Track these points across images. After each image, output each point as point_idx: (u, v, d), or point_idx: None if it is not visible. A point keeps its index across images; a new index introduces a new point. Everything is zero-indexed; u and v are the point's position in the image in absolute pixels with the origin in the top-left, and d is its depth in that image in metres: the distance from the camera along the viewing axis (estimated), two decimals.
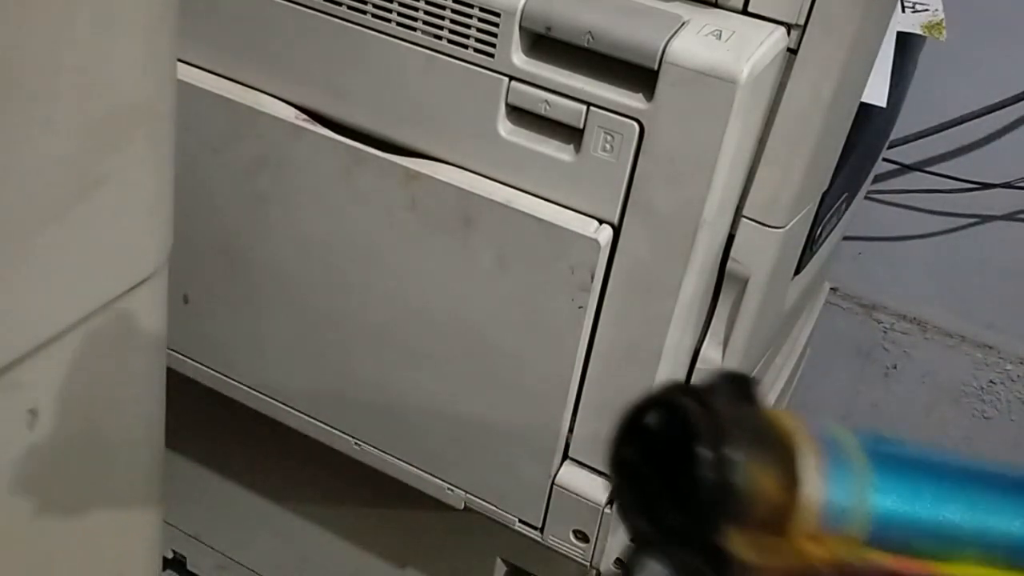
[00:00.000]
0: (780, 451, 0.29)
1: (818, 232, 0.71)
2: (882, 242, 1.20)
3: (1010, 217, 1.13)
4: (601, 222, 0.59)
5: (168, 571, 0.99)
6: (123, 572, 0.56)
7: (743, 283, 0.63)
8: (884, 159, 1.06)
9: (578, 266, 0.60)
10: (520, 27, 0.56)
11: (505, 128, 0.59)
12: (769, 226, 0.61)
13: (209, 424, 0.85)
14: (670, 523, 0.29)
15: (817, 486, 0.29)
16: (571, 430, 0.67)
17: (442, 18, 0.58)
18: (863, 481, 0.30)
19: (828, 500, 0.29)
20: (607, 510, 0.68)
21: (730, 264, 0.62)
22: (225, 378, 0.77)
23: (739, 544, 0.28)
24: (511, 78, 0.58)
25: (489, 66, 0.58)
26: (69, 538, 0.51)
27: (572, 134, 0.58)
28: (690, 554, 0.29)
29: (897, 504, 0.30)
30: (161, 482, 0.57)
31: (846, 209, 0.82)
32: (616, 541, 0.69)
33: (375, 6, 0.60)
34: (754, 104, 0.56)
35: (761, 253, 0.61)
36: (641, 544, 0.30)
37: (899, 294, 1.22)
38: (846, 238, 1.16)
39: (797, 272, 0.71)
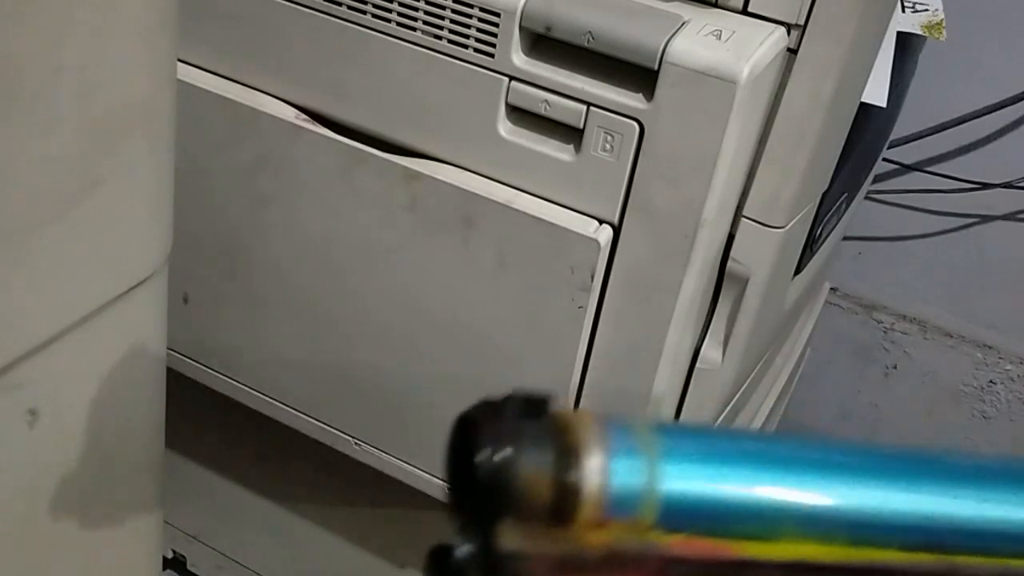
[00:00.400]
0: (562, 446, 0.29)
1: (818, 232, 0.71)
2: (882, 242, 1.20)
3: (1010, 217, 1.13)
4: (601, 222, 0.59)
5: (168, 571, 0.99)
6: (123, 572, 0.56)
7: (743, 283, 0.63)
8: (884, 159, 1.06)
9: (578, 266, 0.60)
10: (520, 27, 0.56)
11: (505, 128, 0.59)
12: (769, 226, 0.61)
13: (209, 424, 0.85)
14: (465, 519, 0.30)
15: (597, 472, 0.28)
16: None
17: (442, 18, 0.58)
18: (651, 463, 0.29)
19: (611, 484, 0.28)
20: None
21: (730, 264, 0.62)
22: (225, 378, 0.77)
23: (512, 536, 0.28)
24: (511, 78, 0.58)
25: (489, 66, 0.58)
26: (69, 538, 0.51)
27: (572, 134, 0.58)
28: (476, 547, 0.29)
29: (689, 482, 0.30)
30: (161, 482, 0.57)
31: (846, 209, 0.82)
32: None
33: (375, 6, 0.60)
34: (754, 104, 0.56)
35: (761, 253, 0.61)
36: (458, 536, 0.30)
37: (899, 294, 1.22)
38: (846, 238, 1.16)
39: (797, 272, 0.71)
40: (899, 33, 0.73)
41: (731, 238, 0.61)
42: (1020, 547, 0.31)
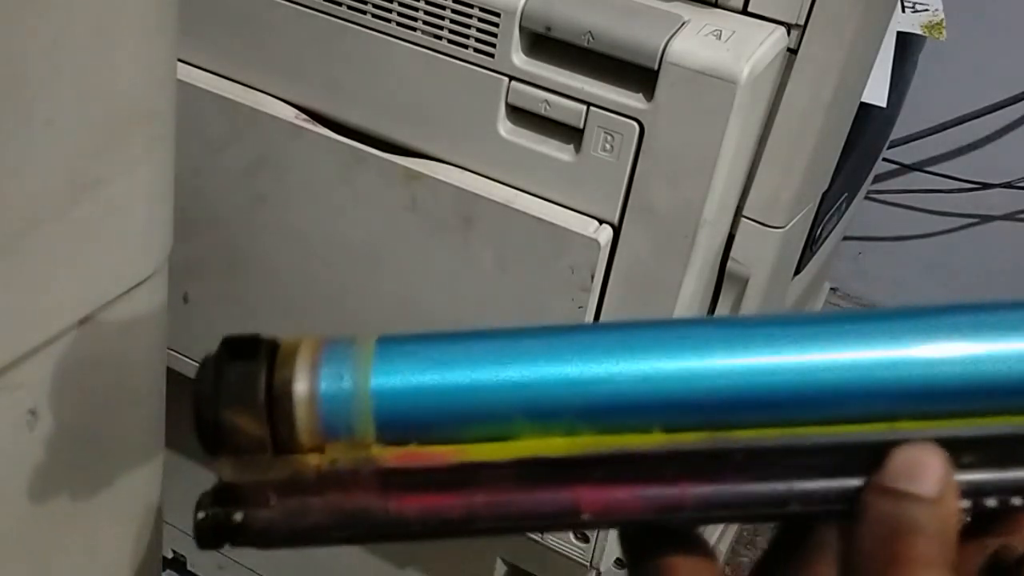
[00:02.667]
0: (272, 374, 0.28)
1: (818, 232, 0.71)
2: (882, 242, 1.20)
3: (1010, 217, 1.13)
4: (601, 222, 0.59)
5: (168, 571, 0.99)
6: (123, 572, 0.56)
7: (743, 283, 0.63)
8: (884, 159, 1.06)
9: (578, 266, 0.60)
10: (520, 27, 0.56)
11: (505, 128, 0.59)
12: (769, 226, 0.61)
13: None
14: None
15: (305, 393, 0.28)
16: None
17: (442, 18, 0.58)
18: (360, 373, 0.28)
19: (321, 402, 0.28)
20: None
21: (730, 264, 0.62)
22: None
23: (226, 469, 0.28)
24: (511, 78, 0.58)
25: (489, 66, 0.58)
26: (69, 538, 0.51)
27: (572, 134, 0.58)
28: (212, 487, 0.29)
29: (402, 389, 0.28)
30: (161, 482, 0.57)
31: (846, 209, 0.82)
32: (617, 541, 0.69)
33: (375, 6, 0.60)
34: (754, 104, 0.56)
35: (761, 253, 0.62)
36: None
37: (899, 294, 1.22)
38: (846, 238, 1.16)
39: (797, 272, 0.72)
40: (899, 33, 0.73)
41: (731, 238, 0.61)
42: (808, 413, 0.27)
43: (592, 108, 0.56)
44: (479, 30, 0.57)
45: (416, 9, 0.59)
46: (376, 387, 0.28)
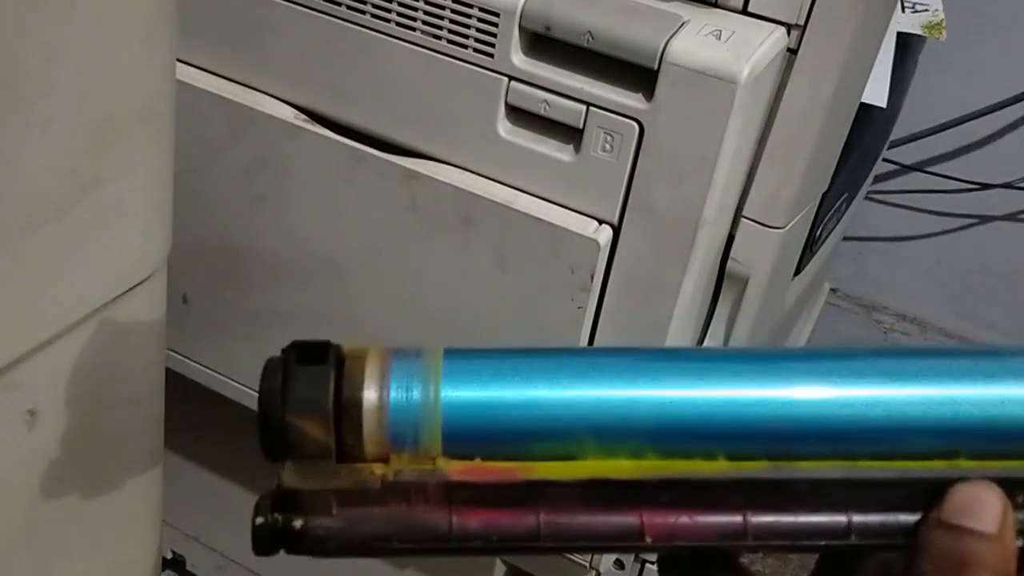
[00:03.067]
0: (341, 383, 0.28)
1: (818, 232, 0.71)
2: (882, 242, 1.20)
3: (1010, 217, 1.13)
4: (601, 222, 0.59)
5: (168, 571, 0.99)
6: (123, 572, 0.56)
7: (743, 283, 0.63)
8: (884, 159, 1.06)
9: (578, 266, 0.60)
10: (520, 27, 0.56)
11: (505, 128, 0.59)
12: (769, 226, 0.61)
13: (209, 424, 0.85)
14: None
15: (375, 404, 0.28)
16: None
17: (441, 18, 0.58)
18: (430, 387, 0.28)
19: (390, 414, 0.28)
20: None
21: (730, 264, 0.62)
22: (225, 378, 0.77)
23: (288, 475, 0.28)
24: (511, 78, 0.58)
25: (488, 66, 0.58)
26: (69, 538, 0.51)
27: (572, 134, 0.58)
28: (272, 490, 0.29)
29: (471, 404, 0.28)
30: (161, 482, 0.57)
31: (846, 209, 0.82)
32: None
33: (374, 6, 0.60)
34: (754, 104, 0.56)
35: (761, 253, 0.61)
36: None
37: (899, 294, 1.22)
38: (846, 238, 1.16)
39: (797, 272, 0.72)
40: (899, 33, 0.73)
41: (731, 238, 0.61)
42: (871, 446, 0.28)
43: (592, 108, 0.56)
44: (478, 30, 0.57)
45: (415, 9, 0.59)
46: (445, 399, 0.28)
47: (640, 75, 0.55)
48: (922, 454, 0.28)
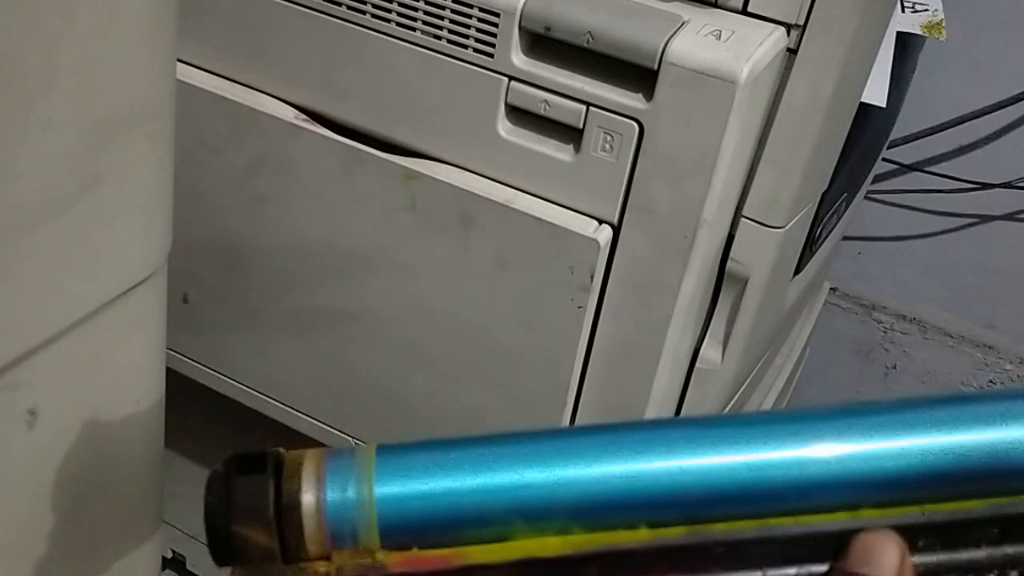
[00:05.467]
0: (280, 489, 0.30)
1: (818, 232, 0.71)
2: (882, 242, 1.20)
3: (1010, 217, 1.13)
4: (601, 222, 0.59)
5: (168, 571, 0.99)
6: (123, 572, 0.56)
7: (743, 283, 0.63)
8: (884, 159, 1.06)
9: (578, 266, 0.60)
10: (520, 27, 0.56)
11: (505, 128, 0.59)
12: (769, 226, 0.61)
13: (209, 424, 0.85)
14: None
15: (311, 494, 0.29)
16: None
17: (441, 18, 0.58)
18: (364, 484, 0.30)
19: (328, 513, 0.29)
20: None
21: (730, 264, 0.62)
22: (225, 378, 0.77)
23: None
24: (511, 78, 0.58)
25: (489, 66, 0.58)
26: (69, 538, 0.51)
27: (572, 134, 0.58)
28: None
29: (404, 497, 0.29)
30: (161, 482, 0.57)
31: (846, 209, 0.82)
32: None
33: (374, 6, 0.60)
34: (754, 104, 0.56)
35: (761, 253, 0.61)
36: None
37: (899, 294, 1.22)
38: (846, 238, 1.16)
39: (797, 272, 0.72)
40: (899, 33, 0.73)
41: (731, 238, 0.61)
42: (780, 505, 0.30)
43: (592, 108, 0.56)
44: (478, 30, 0.57)
45: (415, 9, 0.59)
46: (379, 495, 0.30)
47: (640, 75, 0.55)
48: (828, 507, 0.30)
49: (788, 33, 0.56)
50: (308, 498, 0.29)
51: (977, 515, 0.30)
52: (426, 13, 0.58)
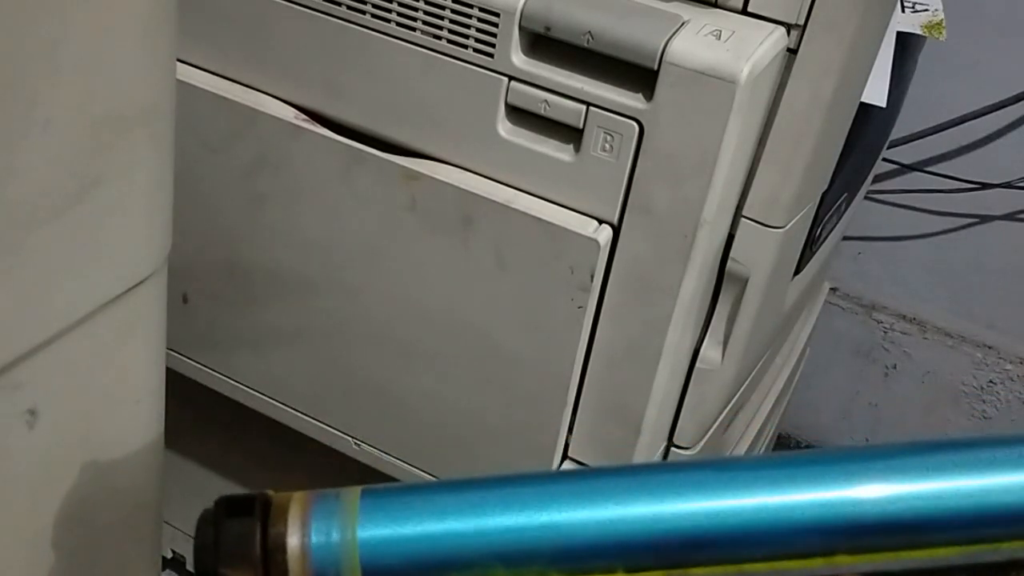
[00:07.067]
0: (266, 533, 0.30)
1: (818, 232, 0.71)
2: (882, 242, 1.20)
3: (1010, 217, 1.13)
4: (601, 222, 0.59)
5: (168, 571, 0.99)
6: (123, 572, 0.56)
7: (743, 283, 0.63)
8: (884, 159, 1.06)
9: (578, 266, 0.60)
10: (520, 27, 0.56)
11: (505, 128, 0.59)
12: (769, 226, 0.61)
13: (209, 424, 0.85)
14: None
15: (296, 536, 0.30)
16: (571, 430, 0.67)
17: (441, 18, 0.58)
18: (347, 529, 0.30)
19: (312, 558, 0.30)
20: None
21: (730, 264, 0.62)
22: (225, 378, 0.77)
23: None
24: (511, 78, 0.58)
25: (489, 66, 0.58)
26: (69, 538, 0.51)
27: (572, 134, 0.58)
28: None
29: (387, 542, 0.30)
30: (161, 482, 0.57)
31: (846, 209, 0.82)
32: None
33: (374, 6, 0.60)
34: (754, 104, 0.56)
35: (761, 253, 0.61)
36: None
37: (899, 294, 1.22)
38: (846, 238, 1.16)
39: (797, 272, 0.71)
40: (899, 33, 0.73)
41: (731, 238, 0.61)
42: (755, 550, 0.30)
43: (592, 108, 0.56)
44: (478, 30, 0.57)
45: (415, 9, 0.59)
46: (362, 538, 0.30)
47: (640, 75, 0.55)
48: (804, 553, 0.31)
49: (788, 33, 0.56)
50: (293, 541, 0.30)
51: (951, 563, 0.31)
52: (426, 13, 0.58)
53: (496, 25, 0.57)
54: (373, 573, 0.30)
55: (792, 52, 0.56)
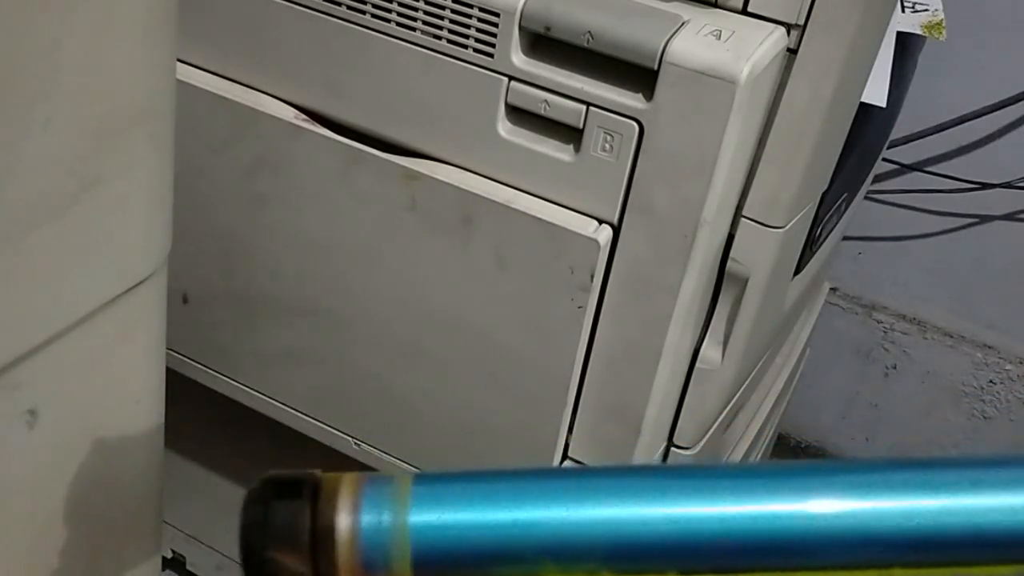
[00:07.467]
0: (315, 514, 0.30)
1: (818, 232, 0.71)
2: (882, 242, 1.20)
3: (1010, 217, 1.13)
4: (601, 222, 0.59)
5: (168, 571, 0.99)
6: (123, 572, 0.56)
7: (743, 283, 0.63)
8: (884, 159, 1.06)
9: (578, 266, 0.60)
10: (520, 27, 0.56)
11: (505, 128, 0.59)
12: (769, 226, 0.61)
13: (209, 424, 0.85)
14: None
15: (347, 532, 0.30)
16: (571, 430, 0.67)
17: (441, 18, 0.58)
18: (399, 513, 0.30)
19: (361, 540, 0.29)
20: None
21: (730, 264, 0.62)
22: (225, 378, 0.77)
23: None
24: (511, 78, 0.58)
25: (489, 66, 0.58)
26: (69, 538, 0.51)
27: (572, 134, 0.58)
28: None
29: (438, 529, 0.30)
30: (161, 482, 0.57)
31: (846, 209, 0.82)
32: None
33: (374, 6, 0.60)
34: (754, 104, 0.56)
35: (761, 253, 0.61)
36: None
37: (899, 294, 1.22)
38: (846, 238, 1.16)
39: (797, 272, 0.71)
40: (899, 33, 0.73)
41: (731, 238, 0.61)
42: (809, 560, 0.30)
43: (592, 108, 0.56)
44: (479, 30, 0.57)
45: (415, 9, 0.59)
46: (413, 523, 0.30)
47: (640, 75, 0.55)
48: (859, 563, 0.30)
49: (788, 33, 0.56)
50: (343, 525, 0.30)
51: None
52: (426, 13, 0.58)
53: (496, 25, 0.57)
54: (422, 559, 0.30)
55: (792, 52, 0.56)
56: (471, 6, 0.57)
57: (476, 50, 0.58)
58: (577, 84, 0.56)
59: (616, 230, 0.59)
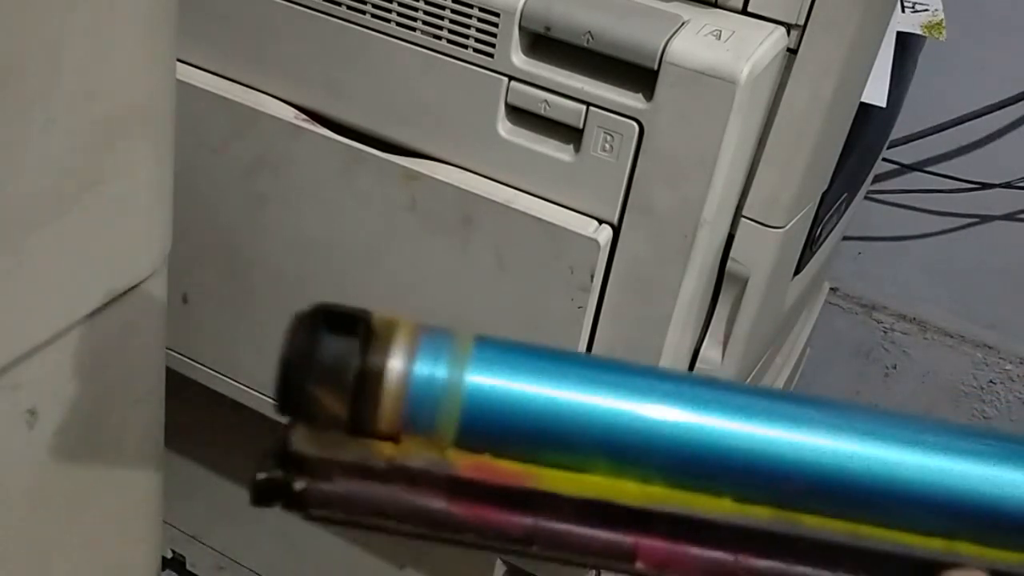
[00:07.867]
0: (368, 349, 0.27)
1: (818, 232, 0.71)
2: (882, 242, 1.20)
3: (1010, 217, 1.13)
4: (601, 222, 0.59)
5: (168, 571, 0.99)
6: (123, 572, 0.56)
7: (743, 283, 0.63)
8: (884, 159, 1.06)
9: (578, 266, 0.60)
10: (520, 27, 0.56)
11: (505, 128, 0.59)
12: (769, 226, 0.61)
13: (209, 424, 0.85)
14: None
15: (396, 377, 0.27)
16: None
17: (441, 18, 0.58)
18: (456, 372, 0.27)
19: (410, 391, 0.27)
20: None
21: (730, 264, 0.62)
22: (225, 378, 0.77)
23: (300, 439, 0.28)
24: (511, 78, 0.58)
25: (488, 66, 0.58)
26: (69, 538, 0.51)
27: (572, 134, 0.58)
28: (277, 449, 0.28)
29: (493, 397, 0.27)
30: (161, 482, 0.57)
31: (846, 209, 0.82)
32: None
33: (374, 6, 0.60)
34: (754, 104, 0.56)
35: (761, 253, 0.61)
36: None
37: (899, 294, 1.22)
38: (846, 238, 1.16)
39: (797, 272, 0.71)
40: (899, 33, 0.73)
41: (731, 238, 0.61)
42: (877, 513, 0.28)
43: (592, 108, 0.56)
44: (478, 30, 0.57)
45: (415, 9, 0.59)
46: (470, 383, 0.27)
47: (640, 75, 0.55)
48: (924, 529, 0.28)
49: (788, 33, 0.56)
50: (395, 368, 0.27)
51: None
52: (426, 13, 0.58)
53: (496, 25, 0.57)
54: (470, 425, 0.27)
55: (792, 52, 0.56)
56: (471, 6, 0.57)
57: (476, 50, 0.58)
58: (577, 84, 0.56)
59: (616, 230, 0.59)
